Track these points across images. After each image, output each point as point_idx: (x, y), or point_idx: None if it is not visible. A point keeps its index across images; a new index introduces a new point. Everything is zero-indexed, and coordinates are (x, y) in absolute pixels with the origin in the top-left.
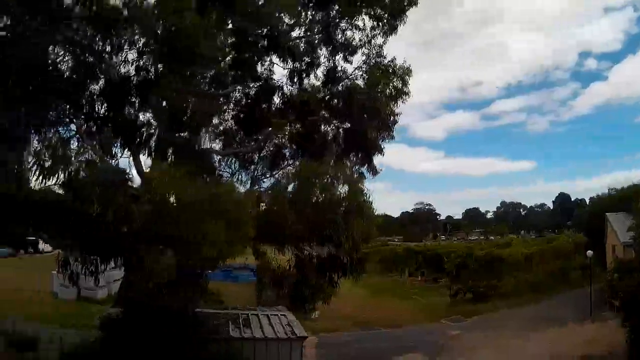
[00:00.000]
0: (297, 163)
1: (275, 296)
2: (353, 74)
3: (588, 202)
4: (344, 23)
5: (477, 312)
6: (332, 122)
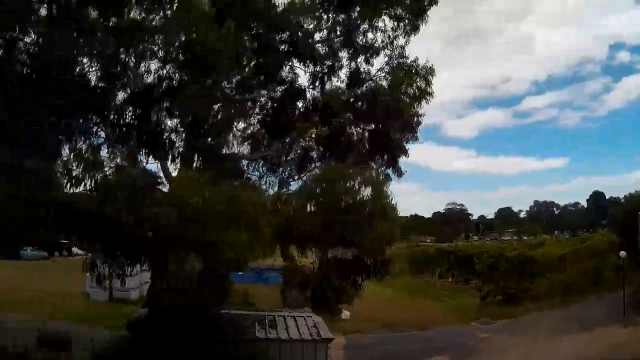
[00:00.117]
0: (324, 165)
1: (302, 298)
2: (376, 76)
3: (622, 200)
4: (365, 24)
5: (508, 315)
6: (357, 124)
